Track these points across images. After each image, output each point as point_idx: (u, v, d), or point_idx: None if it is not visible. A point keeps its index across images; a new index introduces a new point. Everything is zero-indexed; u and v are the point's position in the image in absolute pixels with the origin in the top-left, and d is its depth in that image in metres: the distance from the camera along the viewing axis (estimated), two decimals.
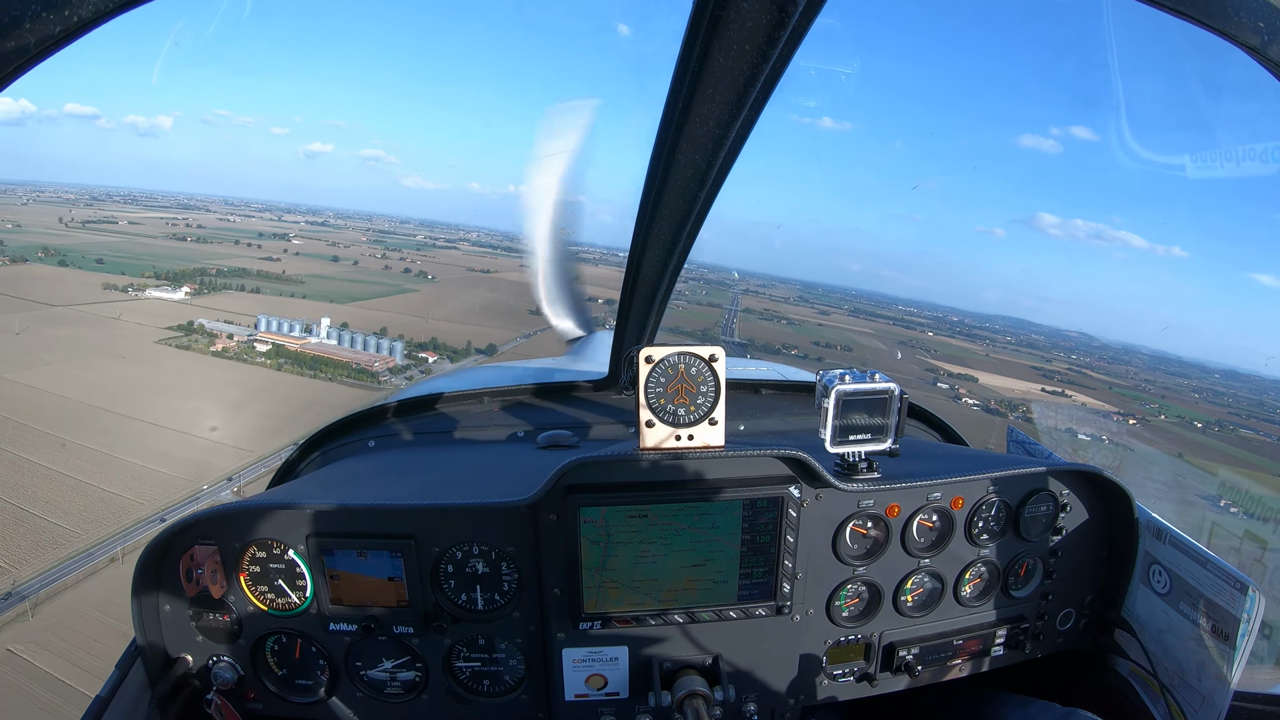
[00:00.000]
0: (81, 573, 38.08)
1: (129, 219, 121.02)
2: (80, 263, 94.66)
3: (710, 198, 1.77)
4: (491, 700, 2.09)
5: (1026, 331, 77.23)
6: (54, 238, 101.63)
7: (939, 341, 72.92)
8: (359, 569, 1.94)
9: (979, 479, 2.16)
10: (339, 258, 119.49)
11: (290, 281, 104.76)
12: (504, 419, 2.96)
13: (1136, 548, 2.26)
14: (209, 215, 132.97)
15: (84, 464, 48.52)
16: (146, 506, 44.90)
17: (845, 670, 2.19)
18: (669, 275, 2.28)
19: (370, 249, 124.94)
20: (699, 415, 1.87)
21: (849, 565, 2.12)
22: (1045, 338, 74.94)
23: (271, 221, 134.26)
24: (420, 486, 2.23)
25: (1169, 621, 2.15)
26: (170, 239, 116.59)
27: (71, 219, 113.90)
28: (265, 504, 1.93)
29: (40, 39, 0.61)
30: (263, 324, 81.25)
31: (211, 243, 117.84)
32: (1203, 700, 2.03)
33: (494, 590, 2.00)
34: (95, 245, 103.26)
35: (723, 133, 1.39)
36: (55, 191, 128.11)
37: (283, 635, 2.02)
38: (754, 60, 1.15)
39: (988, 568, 2.26)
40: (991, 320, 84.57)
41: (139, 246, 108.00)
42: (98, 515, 43.73)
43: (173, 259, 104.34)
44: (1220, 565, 1.99)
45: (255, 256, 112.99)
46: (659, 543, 1.90)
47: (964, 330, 77.28)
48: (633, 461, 1.87)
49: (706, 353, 1.85)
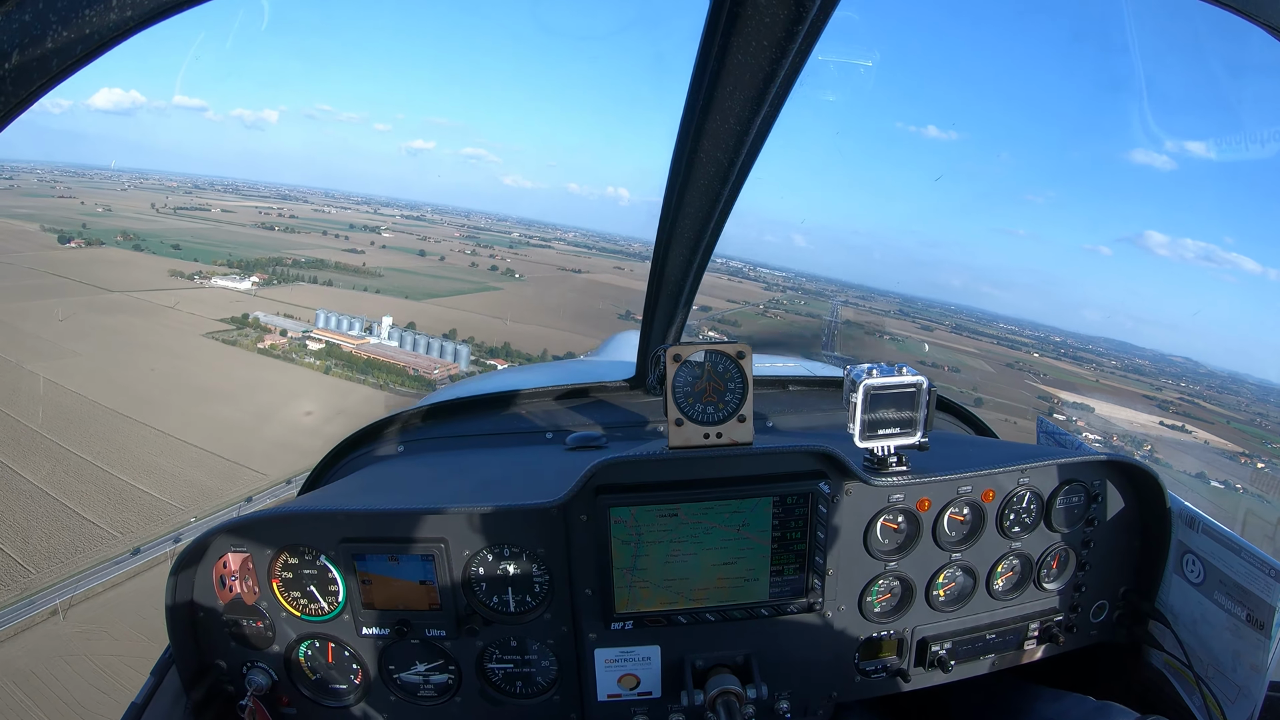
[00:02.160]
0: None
1: (223, 206, 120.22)
2: (157, 248, 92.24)
3: (733, 195, 1.77)
4: (525, 701, 2.09)
5: (1130, 355, 70.75)
6: (140, 223, 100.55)
7: (1045, 364, 67.47)
8: (391, 573, 1.94)
9: (1009, 471, 2.15)
10: (425, 252, 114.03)
11: (368, 275, 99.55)
12: (532, 421, 2.92)
13: (1170, 537, 2.22)
14: (305, 206, 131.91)
15: (66, 477, 40.59)
16: (120, 541, 37.12)
17: (878, 666, 2.18)
18: (694, 273, 2.26)
19: (461, 245, 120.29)
20: (727, 412, 1.86)
21: (880, 560, 2.11)
22: (1150, 362, 69.09)
23: (367, 214, 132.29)
24: (450, 490, 2.24)
25: (1203, 611, 2.12)
26: (258, 227, 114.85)
27: (164, 205, 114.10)
28: (296, 511, 1.95)
29: (62, 59, 0.63)
30: (321, 320, 73.21)
31: (299, 233, 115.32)
32: (1239, 691, 1.99)
33: (525, 592, 2.00)
34: (179, 231, 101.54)
35: (744, 129, 1.40)
36: (159, 179, 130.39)
37: (316, 640, 2.02)
38: (773, 56, 1.15)
39: (1020, 560, 2.25)
40: (1094, 342, 78.52)
41: (224, 234, 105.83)
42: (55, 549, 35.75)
43: (253, 247, 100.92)
44: (1255, 553, 1.94)
45: (339, 248, 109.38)
46: (689, 541, 1.90)
47: (1069, 352, 71.45)
48: (662, 460, 1.87)
49: (734, 350, 1.85)
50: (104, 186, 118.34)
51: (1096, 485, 2.23)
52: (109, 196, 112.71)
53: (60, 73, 0.65)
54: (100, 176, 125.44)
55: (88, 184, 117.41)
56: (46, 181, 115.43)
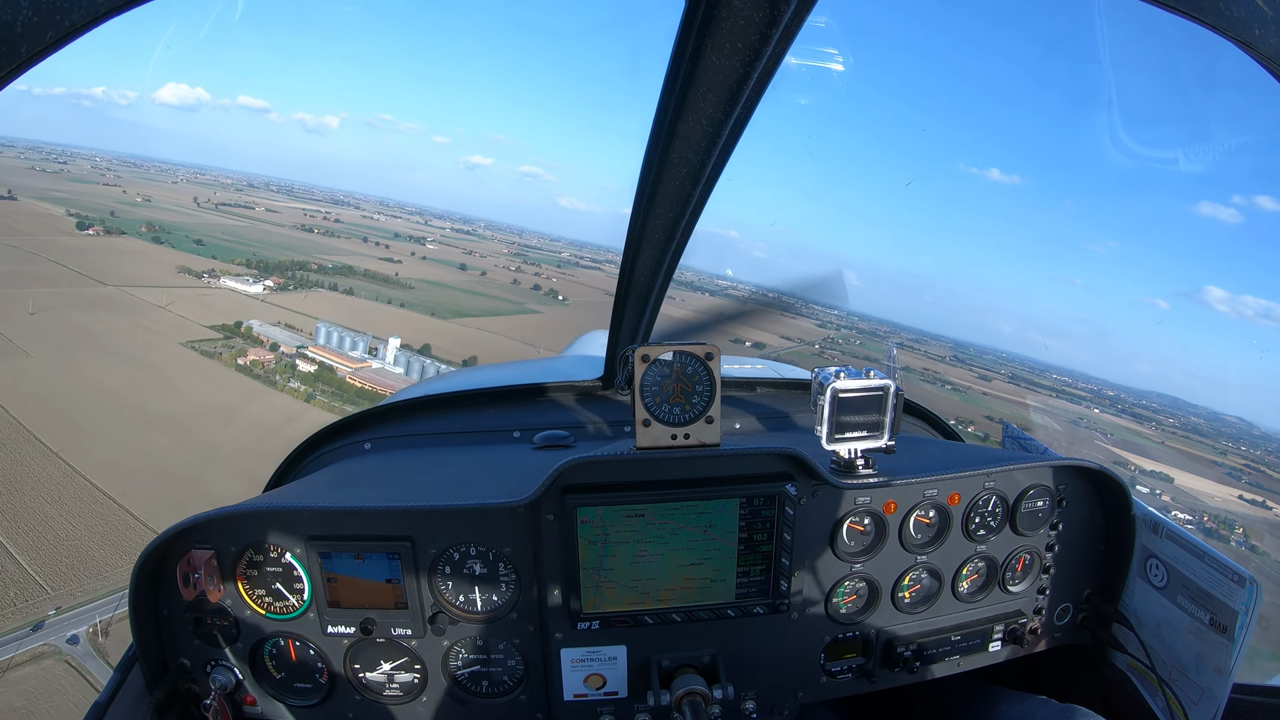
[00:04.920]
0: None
1: (268, 206, 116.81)
2: (178, 242, 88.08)
3: (704, 196, 1.78)
4: (491, 701, 2.09)
5: (1184, 413, 66.03)
6: (174, 215, 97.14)
7: (1106, 420, 62.28)
8: (356, 571, 1.93)
9: (975, 475, 2.17)
10: (467, 266, 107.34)
11: (397, 286, 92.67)
12: (500, 420, 2.90)
13: (1134, 542, 2.26)
14: (354, 212, 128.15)
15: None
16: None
17: (844, 667, 2.20)
18: (664, 274, 2.28)
19: (507, 260, 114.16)
20: (695, 413, 1.85)
21: (846, 562, 2.13)
22: (1205, 421, 63.48)
23: (416, 225, 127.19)
24: (417, 488, 2.23)
25: (1167, 615, 2.15)
26: (297, 229, 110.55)
27: (208, 200, 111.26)
28: (261, 508, 1.93)
29: (32, 45, 0.62)
30: (321, 335, 65.17)
31: (338, 237, 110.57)
32: (1202, 693, 2.03)
33: (492, 591, 2.00)
34: (212, 226, 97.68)
35: (716, 131, 1.41)
36: (215, 175, 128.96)
37: (281, 639, 2.01)
38: (747, 58, 1.16)
39: (985, 563, 2.27)
40: (1147, 397, 73.56)
41: (259, 233, 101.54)
42: None
43: (283, 249, 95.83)
44: (1218, 559, 1.97)
45: (375, 256, 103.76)
46: (656, 542, 1.91)
47: (1125, 408, 67.63)
48: (629, 461, 1.87)
49: (702, 351, 1.84)
50: (156, 178, 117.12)
51: (1061, 490, 2.25)
52: (156, 188, 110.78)
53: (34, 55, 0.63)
54: (155, 168, 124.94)
55: (141, 174, 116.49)
56: (99, 168, 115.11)
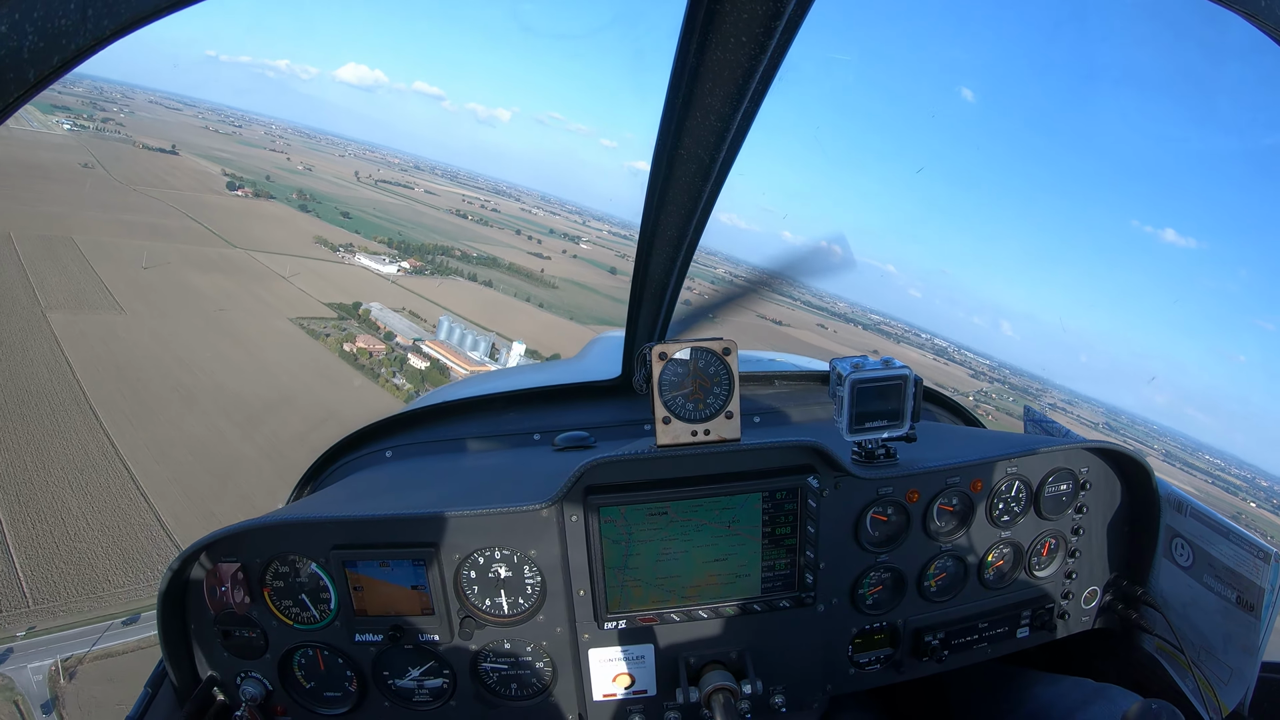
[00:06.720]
0: None
1: (428, 188, 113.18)
2: (325, 213, 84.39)
3: (715, 191, 1.77)
4: (520, 704, 2.08)
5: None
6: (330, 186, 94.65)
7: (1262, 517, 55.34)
8: (382, 579, 1.93)
9: (998, 460, 2.15)
10: (618, 270, 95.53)
11: (540, 283, 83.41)
12: (520, 423, 2.90)
13: (1159, 522, 2.23)
14: (513, 204, 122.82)
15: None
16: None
17: (872, 658, 2.18)
18: (678, 271, 2.26)
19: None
20: (714, 409, 1.85)
21: (871, 553, 2.11)
22: None
23: (574, 224, 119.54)
24: (439, 494, 2.23)
25: (1193, 595, 2.11)
26: (452, 213, 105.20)
27: (369, 176, 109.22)
28: (286, 519, 1.93)
29: (39, 70, 0.62)
30: (443, 330, 55.77)
31: (492, 226, 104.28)
32: (1231, 673, 2.00)
33: (518, 594, 1.99)
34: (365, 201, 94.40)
35: (724, 125, 1.41)
36: (384, 154, 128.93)
37: (309, 648, 2.01)
38: (752, 52, 1.16)
39: (1010, 549, 2.25)
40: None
41: (411, 213, 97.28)
42: None
43: (432, 231, 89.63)
44: (1243, 536, 1.94)
45: (524, 249, 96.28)
46: (680, 539, 1.91)
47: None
48: (650, 459, 1.87)
49: (719, 346, 1.83)
50: (324, 149, 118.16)
51: (1084, 472, 2.24)
52: (321, 158, 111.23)
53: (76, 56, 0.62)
54: (327, 140, 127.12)
55: (311, 145, 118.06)
56: (271, 134, 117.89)
